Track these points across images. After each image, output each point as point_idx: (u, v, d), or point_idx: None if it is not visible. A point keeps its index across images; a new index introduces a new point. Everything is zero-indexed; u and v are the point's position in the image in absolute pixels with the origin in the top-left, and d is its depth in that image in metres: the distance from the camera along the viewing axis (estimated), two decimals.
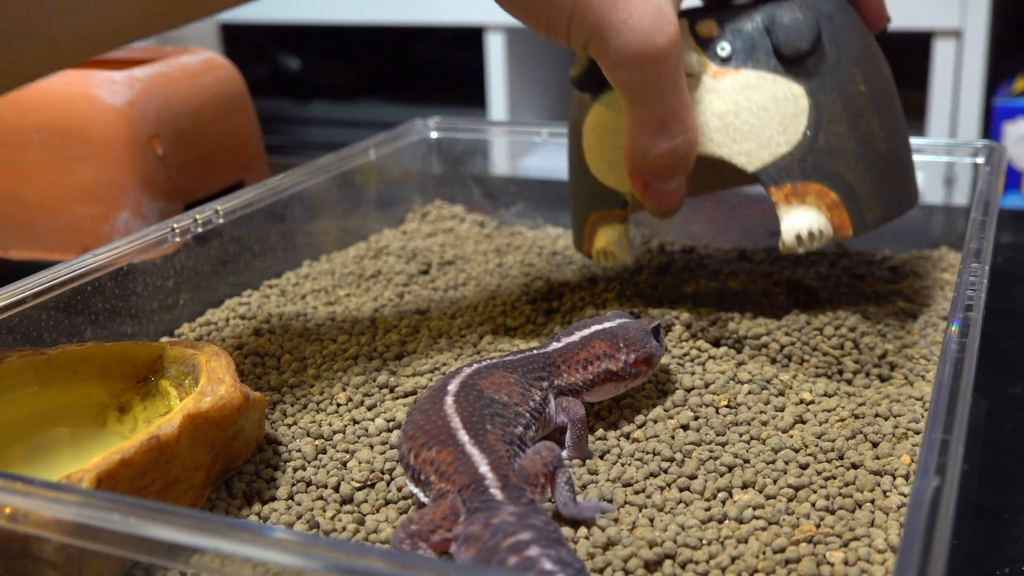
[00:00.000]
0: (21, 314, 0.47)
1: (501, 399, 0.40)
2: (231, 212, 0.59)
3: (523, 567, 0.31)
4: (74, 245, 0.70)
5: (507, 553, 0.32)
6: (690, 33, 0.50)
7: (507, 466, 0.36)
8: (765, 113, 0.49)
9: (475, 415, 0.39)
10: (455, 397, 0.40)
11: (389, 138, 0.73)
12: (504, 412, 0.40)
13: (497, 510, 0.34)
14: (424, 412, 0.39)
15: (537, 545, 0.32)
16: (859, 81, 0.50)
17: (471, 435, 0.38)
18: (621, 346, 0.44)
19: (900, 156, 0.52)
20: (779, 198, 0.49)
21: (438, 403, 0.39)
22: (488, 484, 0.35)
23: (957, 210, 0.69)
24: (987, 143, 0.63)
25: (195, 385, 0.41)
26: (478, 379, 0.41)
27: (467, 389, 0.40)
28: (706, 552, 0.35)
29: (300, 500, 0.39)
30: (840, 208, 0.49)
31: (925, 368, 0.49)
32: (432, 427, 0.38)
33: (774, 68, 0.49)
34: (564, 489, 0.37)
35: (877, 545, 0.36)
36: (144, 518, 0.28)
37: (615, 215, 0.53)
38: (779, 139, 0.49)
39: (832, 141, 0.49)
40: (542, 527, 0.33)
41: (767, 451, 0.41)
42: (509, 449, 0.38)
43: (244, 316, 0.56)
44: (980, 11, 1.19)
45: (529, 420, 0.40)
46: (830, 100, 0.49)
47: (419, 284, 0.61)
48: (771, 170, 0.49)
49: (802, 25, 0.49)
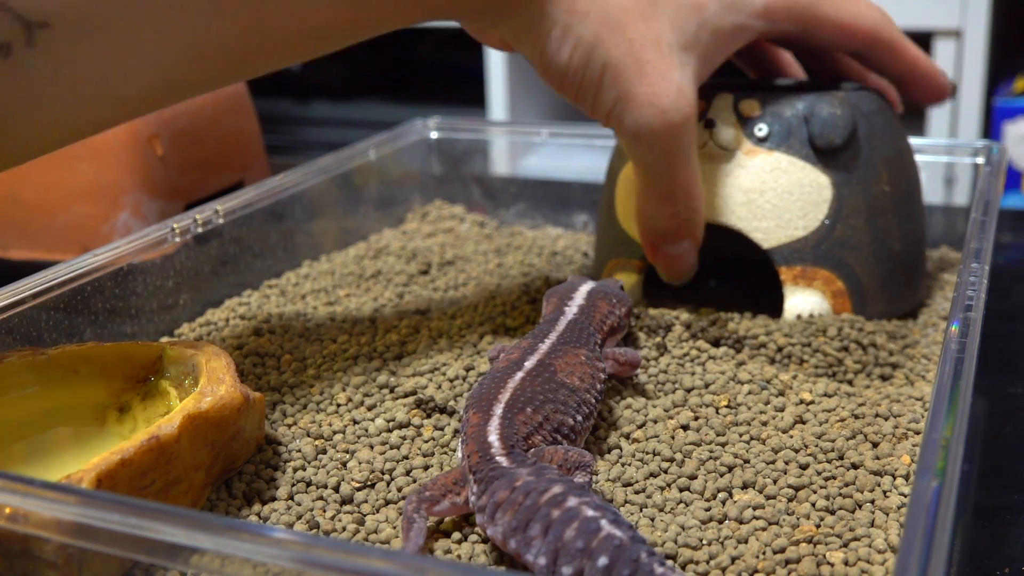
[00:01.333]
0: (21, 314, 0.47)
1: (572, 383, 0.41)
2: (231, 212, 0.59)
3: (568, 519, 0.32)
4: (74, 245, 0.70)
5: (549, 508, 0.32)
6: (733, 109, 0.53)
7: (519, 440, 0.37)
8: (789, 197, 0.52)
9: (524, 395, 0.39)
10: (527, 373, 0.41)
11: (389, 138, 0.73)
12: (568, 399, 0.40)
13: (514, 474, 0.34)
14: (492, 378, 0.41)
15: (573, 495, 0.33)
16: (884, 181, 0.53)
17: (505, 409, 0.38)
18: (614, 302, 0.47)
19: (913, 257, 0.55)
20: (788, 278, 0.52)
21: (508, 374, 0.41)
22: (494, 452, 0.36)
23: (957, 210, 0.69)
24: (987, 143, 0.63)
25: (195, 385, 0.41)
26: (555, 358, 0.42)
27: (541, 368, 0.41)
28: (706, 552, 0.35)
29: (300, 500, 0.39)
30: (844, 297, 0.52)
31: (925, 368, 0.49)
32: (487, 393, 0.39)
33: (805, 156, 0.52)
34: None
35: (877, 545, 0.36)
36: (144, 518, 0.28)
37: (633, 264, 0.56)
38: (798, 223, 0.52)
39: (848, 233, 0.52)
40: (565, 479, 0.34)
41: (767, 451, 0.41)
42: (545, 437, 0.38)
43: (244, 316, 0.56)
44: (980, 11, 1.19)
45: (591, 409, 0.41)
46: (853, 194, 0.52)
47: (419, 284, 0.61)
48: (784, 251, 0.52)
49: (839, 120, 0.51)
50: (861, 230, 0.52)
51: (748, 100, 0.53)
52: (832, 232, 0.52)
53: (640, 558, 0.31)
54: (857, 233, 0.52)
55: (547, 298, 0.48)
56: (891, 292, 0.54)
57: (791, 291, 0.52)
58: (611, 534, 0.31)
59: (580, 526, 0.32)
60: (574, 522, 0.32)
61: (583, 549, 0.31)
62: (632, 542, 0.31)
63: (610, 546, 0.31)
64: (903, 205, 0.54)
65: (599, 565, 0.31)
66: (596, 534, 0.31)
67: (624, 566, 0.31)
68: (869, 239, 0.52)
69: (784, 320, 0.52)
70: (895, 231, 0.53)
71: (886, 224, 0.53)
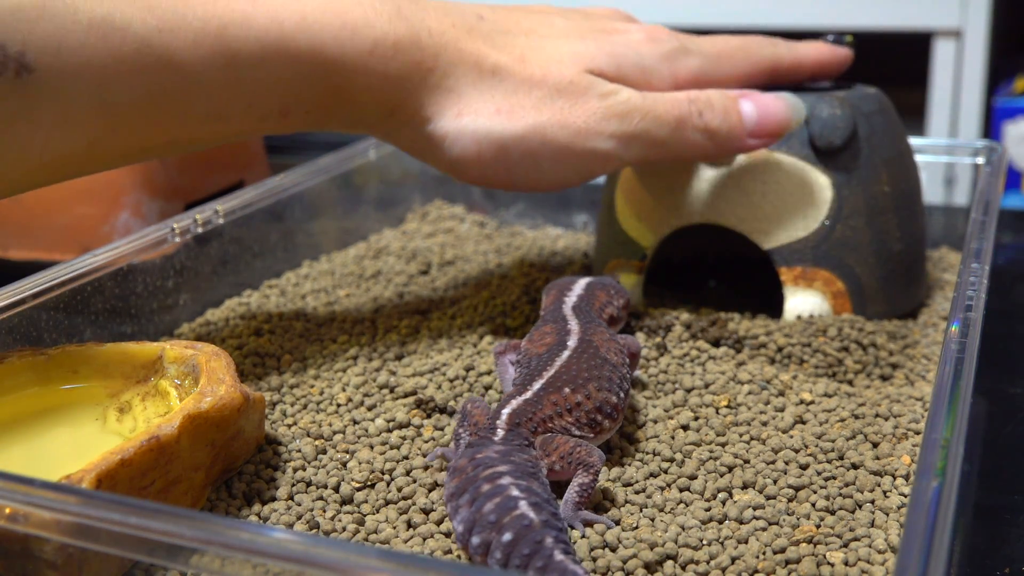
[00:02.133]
0: (21, 314, 0.47)
1: (612, 359, 0.42)
2: (231, 212, 0.59)
3: (492, 494, 0.33)
4: (74, 245, 0.70)
5: (483, 481, 0.34)
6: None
7: (530, 421, 0.38)
8: (790, 198, 0.52)
9: (568, 374, 0.40)
10: (572, 352, 0.42)
11: None
12: (612, 375, 0.41)
13: (484, 446, 0.36)
14: (539, 359, 0.42)
15: (511, 476, 0.34)
16: (884, 181, 0.53)
17: (543, 386, 0.40)
18: (612, 293, 0.48)
19: (913, 258, 0.55)
20: (788, 279, 0.52)
21: (555, 353, 0.42)
22: (497, 425, 0.38)
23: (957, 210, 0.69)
24: (987, 143, 0.63)
25: (195, 385, 0.41)
26: (591, 335, 0.43)
27: (584, 345, 0.42)
28: (706, 552, 0.35)
29: (300, 500, 0.39)
30: (845, 298, 0.52)
31: (926, 368, 0.49)
32: (534, 371, 0.41)
33: (806, 157, 0.52)
34: (575, 491, 0.37)
35: (877, 545, 0.36)
36: (144, 518, 0.28)
37: (633, 265, 0.56)
38: (798, 224, 0.52)
39: (848, 234, 0.52)
40: (521, 463, 0.36)
41: (767, 451, 0.41)
42: (580, 418, 0.39)
43: (244, 316, 0.56)
44: (980, 11, 1.19)
45: (629, 386, 0.42)
46: (853, 195, 0.52)
47: (419, 284, 0.61)
48: (785, 251, 0.52)
49: (839, 121, 0.51)
50: (861, 231, 0.52)
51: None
52: (832, 233, 0.52)
53: (544, 541, 0.32)
54: (857, 234, 0.52)
55: (546, 291, 0.49)
56: (891, 293, 0.54)
57: (791, 292, 0.52)
58: (524, 514, 0.33)
59: (500, 502, 0.33)
60: (496, 498, 0.33)
61: (494, 523, 0.33)
62: (543, 526, 0.32)
63: (519, 525, 0.32)
64: (903, 205, 0.54)
65: (503, 540, 0.32)
66: (510, 511, 0.33)
67: (526, 545, 0.32)
68: (869, 240, 0.52)
69: (784, 320, 0.52)
70: (895, 231, 0.54)
71: (886, 224, 0.53)
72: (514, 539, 0.32)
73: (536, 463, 0.36)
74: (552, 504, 0.34)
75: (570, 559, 0.32)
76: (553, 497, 0.35)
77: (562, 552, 0.32)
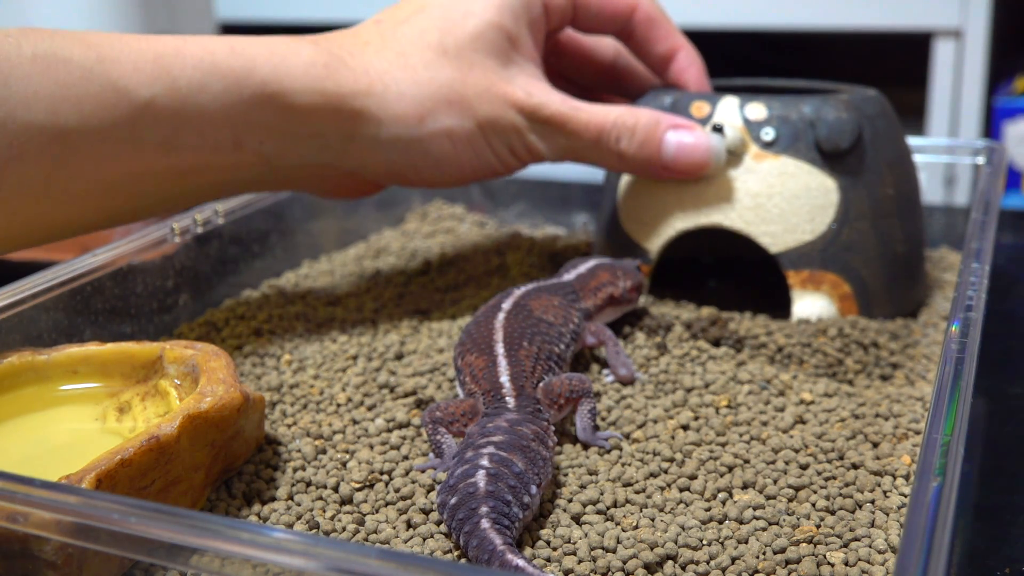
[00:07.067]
0: (21, 314, 0.47)
1: (548, 319, 0.46)
2: (231, 212, 0.59)
3: (467, 460, 0.36)
4: (74, 245, 0.70)
5: (471, 448, 0.36)
6: (739, 113, 0.53)
7: (528, 379, 0.41)
8: (796, 201, 0.52)
9: (517, 331, 0.44)
10: (507, 314, 0.45)
11: None
12: (549, 331, 0.45)
13: (498, 415, 0.38)
14: (477, 323, 0.45)
15: (495, 447, 0.36)
16: (888, 184, 0.53)
17: (506, 348, 0.43)
18: (619, 274, 0.51)
19: (915, 260, 0.56)
20: (795, 282, 0.52)
21: (491, 317, 0.45)
22: (504, 393, 0.40)
23: (957, 210, 0.69)
24: (987, 143, 0.63)
25: (195, 385, 0.41)
26: (528, 300, 0.47)
27: (519, 308, 0.46)
28: (706, 552, 0.35)
29: (300, 500, 0.39)
30: (851, 300, 0.52)
31: (926, 368, 0.49)
32: (479, 336, 0.44)
33: (812, 160, 0.52)
34: (587, 416, 0.41)
35: (877, 545, 0.35)
36: (144, 518, 0.28)
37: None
38: (805, 227, 0.52)
39: (854, 237, 0.52)
40: (521, 435, 0.37)
41: (767, 451, 0.41)
42: (544, 365, 0.43)
43: (244, 316, 0.56)
44: (980, 11, 1.19)
45: (569, 340, 0.46)
46: (859, 198, 0.52)
47: (419, 284, 0.61)
48: (792, 255, 0.52)
49: (844, 125, 0.51)
50: (867, 233, 0.52)
51: (754, 104, 0.53)
52: (839, 236, 0.52)
53: (479, 509, 0.33)
54: (863, 236, 0.52)
55: (561, 268, 0.53)
56: (895, 294, 0.54)
57: (799, 295, 0.52)
58: (475, 482, 0.34)
59: (467, 468, 0.35)
60: (468, 464, 0.35)
61: (452, 486, 0.34)
62: (487, 496, 0.33)
63: (465, 492, 0.34)
64: (905, 207, 0.54)
65: (450, 503, 0.34)
66: (467, 478, 0.34)
67: (463, 511, 0.33)
68: (874, 242, 0.53)
69: (791, 321, 0.52)
70: (898, 233, 0.54)
71: (890, 227, 0.53)
72: (456, 504, 0.34)
73: (541, 434, 0.38)
74: (525, 478, 0.35)
75: (496, 530, 0.32)
76: (540, 473, 0.36)
77: (490, 522, 0.33)
